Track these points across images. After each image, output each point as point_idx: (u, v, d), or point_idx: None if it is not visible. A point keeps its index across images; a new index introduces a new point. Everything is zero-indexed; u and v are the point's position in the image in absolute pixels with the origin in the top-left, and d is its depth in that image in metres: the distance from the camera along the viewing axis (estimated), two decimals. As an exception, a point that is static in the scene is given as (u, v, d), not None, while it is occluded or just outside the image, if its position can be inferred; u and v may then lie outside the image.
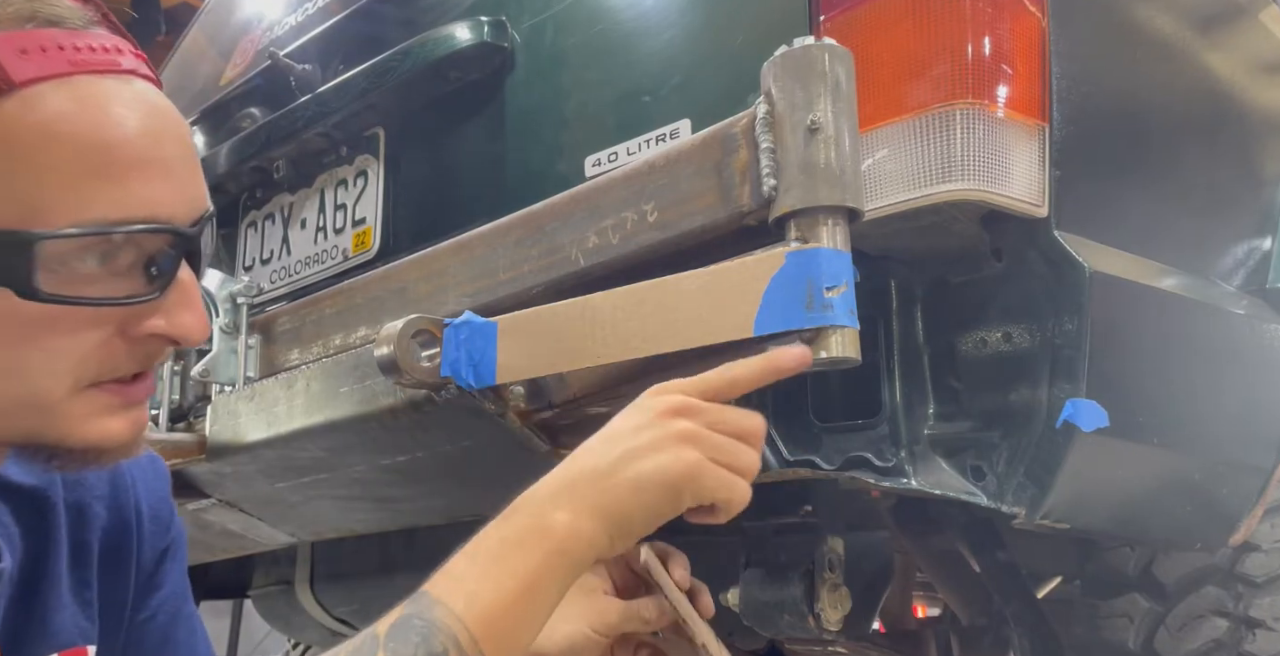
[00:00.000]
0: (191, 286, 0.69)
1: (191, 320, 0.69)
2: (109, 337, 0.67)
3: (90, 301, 0.64)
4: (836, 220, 0.85)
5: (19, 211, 0.62)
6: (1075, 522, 1.09)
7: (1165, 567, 1.39)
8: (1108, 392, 1.03)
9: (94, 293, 0.65)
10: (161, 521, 0.92)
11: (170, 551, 0.93)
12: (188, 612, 0.94)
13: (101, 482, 0.87)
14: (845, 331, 0.83)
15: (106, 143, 0.64)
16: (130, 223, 0.64)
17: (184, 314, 0.68)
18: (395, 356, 1.02)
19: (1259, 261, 1.39)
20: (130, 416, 0.70)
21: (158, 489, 0.92)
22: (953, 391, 1.11)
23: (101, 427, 0.68)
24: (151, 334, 0.68)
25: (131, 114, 0.65)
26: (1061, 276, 1.04)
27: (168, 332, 0.68)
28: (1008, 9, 1.04)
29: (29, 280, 0.62)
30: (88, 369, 0.66)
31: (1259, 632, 1.31)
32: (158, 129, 0.67)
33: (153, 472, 0.92)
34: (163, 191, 0.66)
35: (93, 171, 0.63)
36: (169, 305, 0.68)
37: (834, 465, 1.10)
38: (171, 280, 0.68)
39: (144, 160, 0.65)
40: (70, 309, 0.64)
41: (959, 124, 0.99)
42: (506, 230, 1.16)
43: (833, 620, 1.28)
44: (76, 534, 0.84)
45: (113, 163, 0.64)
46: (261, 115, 1.87)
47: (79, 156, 0.63)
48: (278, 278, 1.80)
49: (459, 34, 1.51)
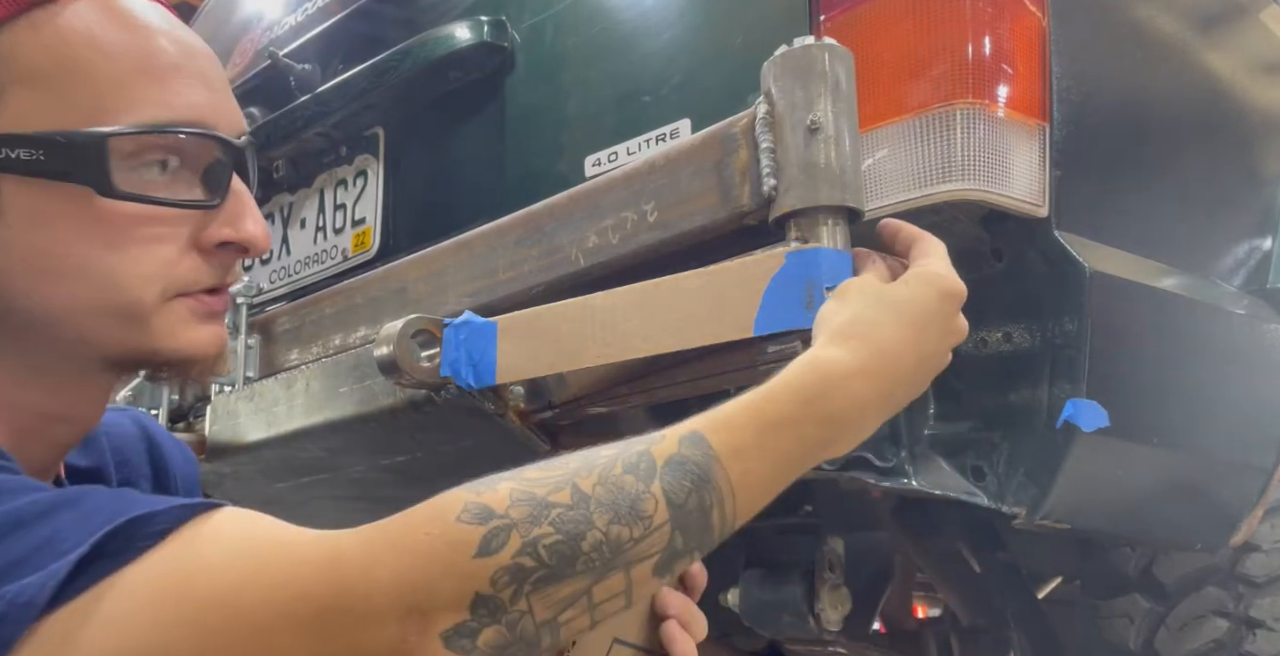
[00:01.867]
0: (246, 196, 0.72)
1: (255, 227, 0.72)
2: (185, 249, 0.69)
3: (163, 201, 0.67)
4: (837, 220, 0.85)
5: (82, 114, 0.65)
6: (1075, 523, 1.09)
7: (1165, 568, 1.39)
8: (1108, 392, 1.03)
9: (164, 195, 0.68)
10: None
11: None
12: None
13: (145, 464, 0.89)
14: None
15: (144, 49, 0.68)
16: (181, 124, 0.67)
17: (246, 222, 0.71)
18: (395, 356, 1.02)
19: (1259, 261, 1.39)
20: (213, 328, 0.73)
21: (189, 472, 0.95)
22: (953, 391, 1.11)
23: (190, 336, 0.71)
24: (221, 243, 0.71)
25: (162, 25, 0.70)
26: (1061, 276, 1.04)
27: (235, 239, 0.71)
28: (1008, 9, 1.04)
29: (107, 177, 0.65)
30: (173, 278, 0.69)
31: (1259, 632, 1.31)
32: (188, 42, 0.71)
33: (183, 457, 0.95)
34: (205, 98, 0.69)
35: (140, 75, 0.67)
36: (230, 215, 0.71)
37: (834, 465, 1.10)
38: (227, 189, 0.71)
39: (182, 68, 0.69)
40: (147, 212, 0.67)
41: (959, 124, 0.99)
42: (506, 230, 1.16)
43: (833, 620, 1.28)
44: None
45: (156, 68, 0.67)
46: (261, 115, 1.86)
47: (121, 60, 0.66)
48: (277, 278, 1.80)
49: (459, 34, 1.51)
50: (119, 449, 0.88)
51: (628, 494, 0.64)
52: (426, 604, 0.58)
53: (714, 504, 0.67)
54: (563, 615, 0.61)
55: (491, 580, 0.58)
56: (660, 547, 0.64)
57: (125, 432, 0.89)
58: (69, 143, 0.64)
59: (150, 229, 0.67)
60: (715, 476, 0.68)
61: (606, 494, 0.63)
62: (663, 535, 0.64)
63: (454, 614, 0.58)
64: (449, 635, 0.58)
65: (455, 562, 0.58)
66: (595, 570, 0.61)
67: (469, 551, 0.58)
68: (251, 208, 0.72)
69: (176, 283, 0.69)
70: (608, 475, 0.65)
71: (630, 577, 0.63)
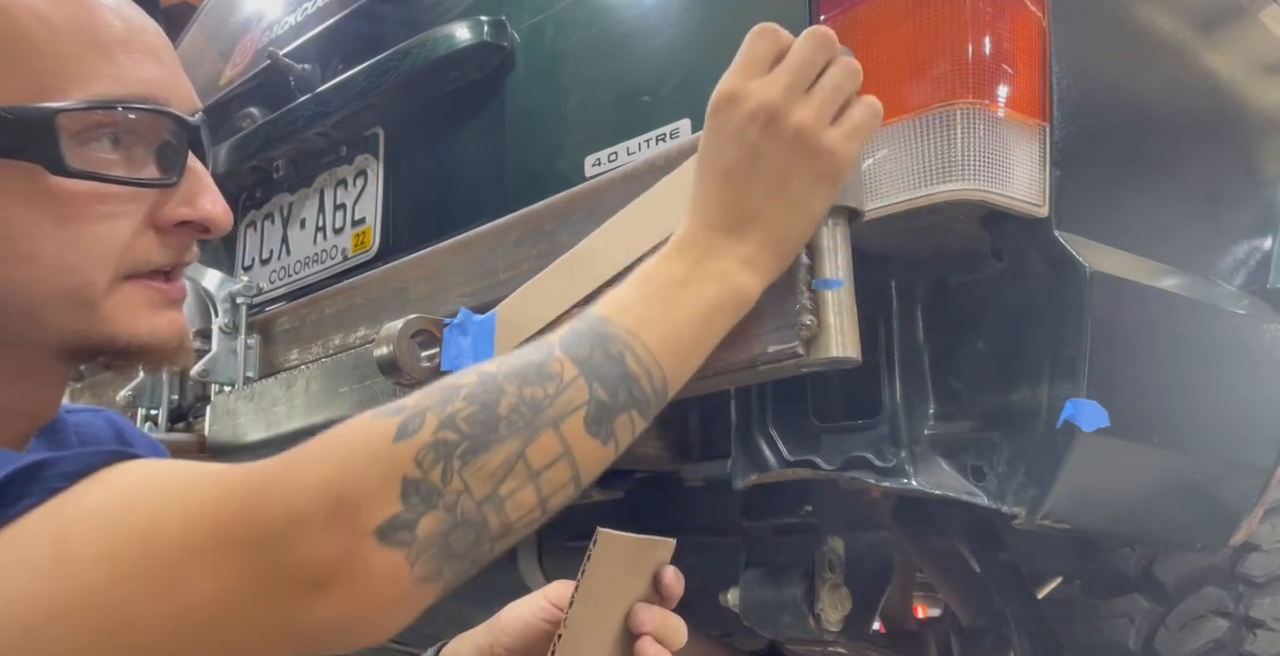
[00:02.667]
0: (203, 174, 0.71)
1: (213, 205, 0.70)
2: (141, 228, 0.68)
3: (116, 179, 0.65)
4: (837, 220, 0.85)
5: (29, 89, 0.63)
6: (1075, 523, 1.09)
7: (1166, 568, 1.39)
8: (1108, 392, 1.03)
9: (117, 173, 0.66)
10: None
11: None
12: None
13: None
14: (845, 331, 0.83)
15: (94, 24, 0.66)
16: (132, 100, 0.66)
17: (203, 200, 0.70)
18: (395, 356, 1.02)
19: (1259, 261, 1.39)
20: (170, 315, 0.71)
21: None
22: (953, 391, 1.10)
23: (148, 322, 0.69)
24: (179, 222, 0.69)
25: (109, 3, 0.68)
26: (1062, 276, 1.04)
27: (194, 217, 0.70)
28: (1008, 9, 1.04)
29: (57, 154, 0.63)
30: (126, 257, 0.67)
31: (1259, 633, 1.31)
32: (135, 17, 0.69)
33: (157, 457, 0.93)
34: (156, 74, 0.68)
35: (88, 49, 0.65)
36: (188, 193, 0.70)
37: (834, 465, 1.10)
38: (183, 167, 0.69)
39: (131, 44, 0.67)
40: (99, 190, 0.65)
41: (959, 124, 0.99)
42: (506, 230, 1.16)
43: (833, 620, 1.28)
44: None
45: (104, 43, 0.66)
46: (261, 115, 1.86)
47: (72, 36, 0.65)
48: (277, 278, 1.80)
49: (459, 34, 1.51)
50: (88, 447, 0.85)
51: (531, 362, 0.63)
52: (353, 497, 0.54)
53: (623, 351, 0.66)
54: (503, 487, 0.58)
55: (416, 460, 0.56)
56: (582, 401, 0.62)
57: (97, 433, 0.87)
58: (16, 119, 0.62)
59: (103, 207, 0.66)
60: (610, 330, 0.67)
61: (511, 368, 0.62)
62: (579, 388, 0.63)
63: (384, 505, 0.55)
64: (384, 529, 0.55)
65: (375, 451, 0.56)
66: (520, 431, 0.59)
67: (387, 438, 0.57)
68: (209, 185, 0.71)
69: (129, 262, 0.68)
70: (508, 358, 0.64)
71: (564, 437, 0.61)
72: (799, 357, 0.84)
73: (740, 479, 1.17)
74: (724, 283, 0.73)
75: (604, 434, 0.63)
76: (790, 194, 0.75)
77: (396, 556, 0.55)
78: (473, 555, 0.58)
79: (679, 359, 0.70)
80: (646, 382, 0.66)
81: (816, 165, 0.75)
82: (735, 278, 0.73)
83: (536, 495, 0.60)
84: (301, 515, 0.54)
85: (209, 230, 0.71)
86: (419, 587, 0.56)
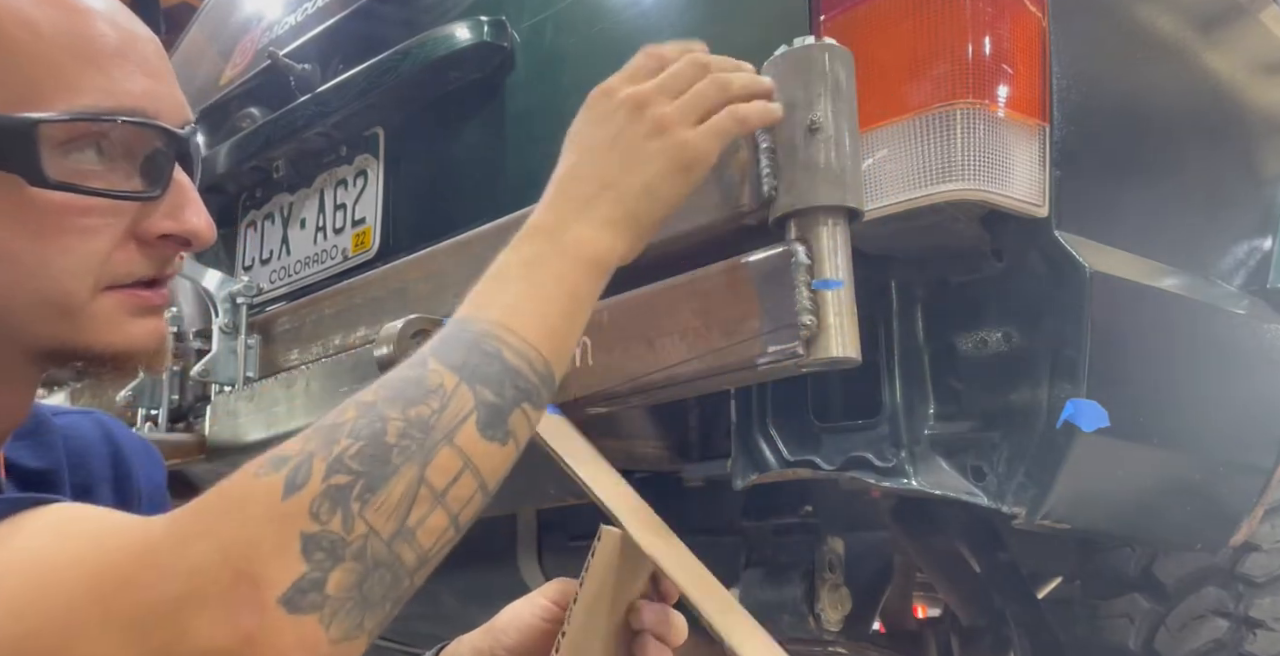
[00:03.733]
0: (189, 187, 0.70)
1: (197, 219, 0.69)
2: (123, 239, 0.67)
3: (97, 191, 0.65)
4: (837, 220, 0.85)
5: (12, 97, 0.62)
6: (1076, 523, 1.09)
7: (1166, 568, 1.39)
8: (1108, 392, 1.03)
9: (99, 186, 0.65)
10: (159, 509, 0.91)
11: None
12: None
13: (105, 467, 0.87)
14: (845, 331, 0.83)
15: (85, 33, 0.65)
16: (119, 112, 0.65)
17: (188, 213, 0.69)
18: (395, 356, 1.02)
19: (1259, 261, 1.39)
20: (151, 323, 0.70)
21: (155, 477, 0.93)
22: (953, 391, 1.10)
23: (126, 331, 0.68)
24: (162, 235, 0.69)
25: (102, 8, 0.67)
26: (1062, 276, 1.04)
27: (177, 231, 0.69)
28: (1008, 9, 1.04)
29: (37, 165, 0.62)
30: (106, 268, 0.67)
31: (1259, 633, 1.31)
32: (131, 27, 0.69)
33: (150, 462, 0.93)
34: (146, 86, 0.67)
35: (77, 58, 0.64)
36: (172, 206, 0.69)
37: (834, 465, 1.10)
38: (169, 180, 0.68)
39: (122, 54, 0.66)
40: (80, 202, 0.64)
41: (959, 124, 0.99)
42: (506, 230, 1.15)
43: (833, 620, 1.28)
44: None
45: (94, 52, 0.65)
46: (261, 115, 1.86)
47: (61, 44, 0.64)
48: (277, 278, 1.80)
49: (459, 34, 1.51)
50: (76, 451, 0.85)
51: (408, 380, 0.61)
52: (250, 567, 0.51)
53: (498, 346, 0.65)
54: (410, 518, 0.55)
55: (312, 513, 0.53)
56: (469, 407, 0.60)
57: (85, 435, 0.87)
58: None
59: (84, 219, 0.65)
60: (479, 327, 0.66)
61: (389, 391, 0.60)
62: (463, 396, 0.61)
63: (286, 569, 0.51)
64: (290, 597, 0.51)
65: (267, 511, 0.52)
66: (415, 455, 0.56)
67: (275, 495, 0.53)
68: (194, 199, 0.70)
69: (109, 274, 0.67)
70: (384, 383, 0.62)
71: (461, 449, 0.59)
72: (799, 357, 0.84)
73: (740, 479, 1.17)
74: (579, 250, 0.72)
75: (500, 435, 0.62)
76: (643, 176, 0.76)
77: (308, 622, 0.51)
78: (393, 597, 0.55)
79: (556, 338, 0.68)
80: (530, 372, 0.65)
81: (672, 153, 0.77)
82: (591, 244, 0.73)
83: (447, 515, 0.58)
84: (195, 594, 0.50)
85: (191, 243, 0.70)
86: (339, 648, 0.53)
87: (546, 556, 1.65)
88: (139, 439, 0.94)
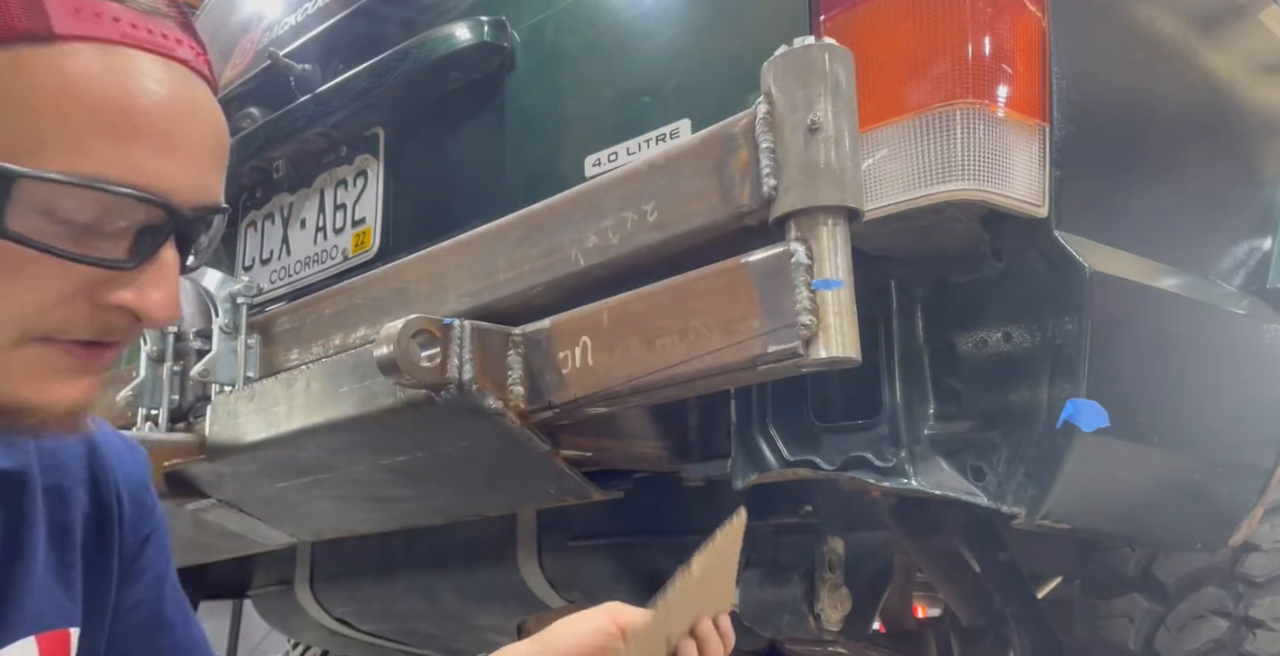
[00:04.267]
0: (170, 267, 0.68)
1: (158, 298, 0.67)
2: (73, 296, 0.65)
3: (52, 250, 0.63)
4: (836, 220, 0.85)
5: (11, 149, 0.62)
6: (1075, 523, 1.09)
7: (1165, 568, 1.39)
8: (1108, 392, 1.03)
9: (68, 245, 0.64)
10: (144, 508, 0.91)
11: (153, 538, 0.92)
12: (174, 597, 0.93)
13: (81, 468, 0.86)
14: (845, 331, 0.83)
15: (125, 108, 0.64)
16: (122, 185, 0.64)
17: (153, 291, 0.67)
18: (395, 356, 1.02)
19: (1259, 261, 1.39)
20: (80, 384, 0.68)
21: (138, 475, 0.92)
22: (953, 391, 1.10)
23: (43, 389, 0.66)
24: (117, 305, 0.67)
25: (163, 91, 0.66)
26: (1061, 276, 1.04)
27: (133, 306, 0.67)
28: (1008, 9, 1.04)
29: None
30: (39, 320, 0.65)
31: (1259, 632, 1.31)
32: (187, 112, 0.67)
33: (132, 459, 0.92)
34: (168, 166, 0.66)
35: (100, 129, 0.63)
36: (142, 280, 0.67)
37: (834, 465, 1.10)
38: (151, 256, 0.67)
39: (160, 133, 0.65)
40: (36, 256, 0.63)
41: (959, 124, 0.99)
42: (506, 230, 1.16)
43: (833, 620, 1.28)
44: (57, 516, 0.83)
45: (124, 127, 0.64)
46: (261, 115, 1.86)
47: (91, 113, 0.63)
48: (277, 278, 1.80)
49: (459, 34, 1.51)
50: (50, 452, 0.84)
51: None
52: None
53: None
54: None
55: None
56: None
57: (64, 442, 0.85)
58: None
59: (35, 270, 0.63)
60: None
61: None
62: None
63: None
64: None
65: None
66: None
67: None
68: (168, 279, 0.68)
69: (42, 327, 0.65)
70: None
71: None
72: (799, 357, 0.84)
73: (740, 479, 1.17)
74: None
75: None
76: None
77: None
78: None
79: None
80: None
81: None
82: None
83: None
84: None
85: (141, 320, 0.68)
86: None
87: (546, 556, 1.65)
88: (117, 435, 0.92)
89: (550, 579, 1.65)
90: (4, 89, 0.62)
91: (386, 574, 1.94)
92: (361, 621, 2.08)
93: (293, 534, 1.59)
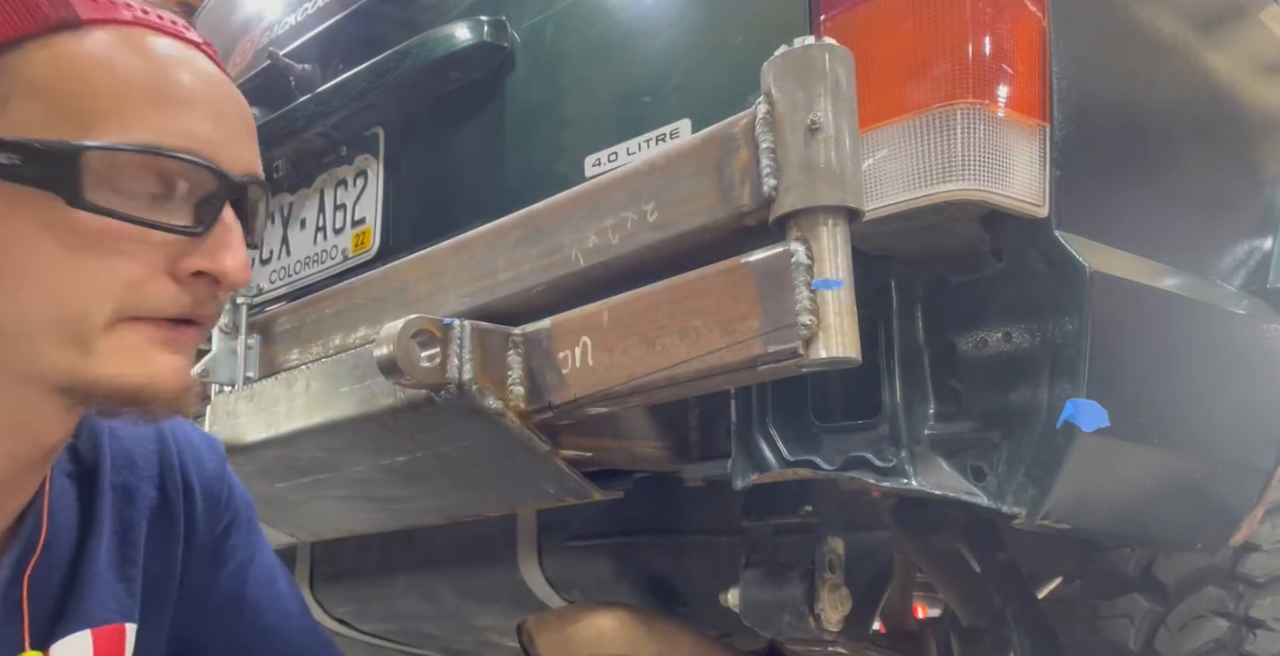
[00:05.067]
0: (235, 230, 0.71)
1: (230, 259, 0.70)
2: (156, 272, 0.68)
3: (134, 219, 0.67)
4: (837, 220, 0.85)
5: (69, 127, 0.66)
6: (1076, 523, 1.09)
7: (1166, 568, 1.39)
8: (1108, 393, 1.03)
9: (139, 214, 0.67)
10: (217, 500, 0.94)
11: (233, 527, 0.95)
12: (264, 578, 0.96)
13: (151, 464, 0.88)
14: (845, 331, 0.83)
15: (157, 77, 0.69)
16: (175, 150, 0.67)
17: (224, 254, 0.70)
18: (395, 356, 1.02)
19: (1259, 261, 1.39)
20: (173, 361, 0.70)
21: (212, 468, 0.94)
22: (953, 391, 1.10)
23: (144, 364, 0.68)
24: (195, 272, 0.70)
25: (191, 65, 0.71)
26: (1062, 276, 1.04)
27: (209, 269, 0.70)
28: (1008, 9, 1.04)
29: (77, 189, 0.65)
30: (130, 296, 0.67)
31: (1260, 633, 1.31)
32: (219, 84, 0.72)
33: (208, 452, 0.94)
34: (211, 132, 0.69)
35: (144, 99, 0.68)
36: (211, 245, 0.70)
37: (834, 465, 1.10)
38: (215, 220, 0.70)
39: (193, 101, 0.69)
40: (116, 228, 0.66)
41: (959, 124, 0.99)
42: (506, 230, 1.16)
43: (833, 620, 1.28)
44: (123, 513, 0.85)
45: (163, 96, 0.68)
46: (261, 115, 1.86)
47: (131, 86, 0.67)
48: (277, 278, 1.80)
49: (459, 34, 1.51)
50: (122, 450, 0.86)
51: None
52: None
53: None
54: None
55: None
56: None
57: (133, 431, 0.87)
58: (45, 150, 0.65)
59: (115, 244, 0.66)
60: None
61: None
62: None
63: None
64: None
65: None
66: None
67: None
68: (234, 240, 0.71)
69: (134, 304, 0.67)
70: None
71: None
72: (799, 357, 0.84)
73: (740, 479, 1.17)
74: None
75: None
76: None
77: None
78: None
79: None
80: None
81: None
82: None
83: None
84: None
85: (220, 283, 0.71)
86: None
87: (546, 556, 1.65)
88: (195, 429, 0.95)
89: (550, 579, 1.65)
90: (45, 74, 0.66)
91: (386, 574, 1.93)
92: (361, 621, 2.07)
93: (292, 534, 1.60)
